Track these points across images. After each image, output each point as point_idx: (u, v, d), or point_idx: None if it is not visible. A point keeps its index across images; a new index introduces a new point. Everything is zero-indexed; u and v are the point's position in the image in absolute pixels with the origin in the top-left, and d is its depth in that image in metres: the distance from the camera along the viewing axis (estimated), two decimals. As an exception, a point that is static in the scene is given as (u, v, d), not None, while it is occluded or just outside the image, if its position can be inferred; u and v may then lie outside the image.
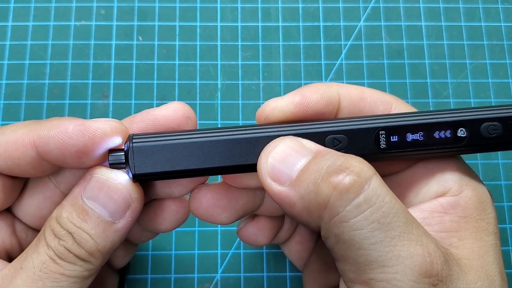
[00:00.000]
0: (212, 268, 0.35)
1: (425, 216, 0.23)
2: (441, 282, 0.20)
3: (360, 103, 0.25)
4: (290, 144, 0.22)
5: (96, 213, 0.22)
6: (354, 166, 0.20)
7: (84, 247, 0.21)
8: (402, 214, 0.20)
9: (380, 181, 0.20)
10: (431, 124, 0.23)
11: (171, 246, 0.35)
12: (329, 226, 0.20)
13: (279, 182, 0.21)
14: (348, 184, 0.19)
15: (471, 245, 0.22)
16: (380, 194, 0.20)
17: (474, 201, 0.23)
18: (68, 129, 0.21)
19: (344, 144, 0.23)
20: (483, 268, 0.21)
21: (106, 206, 0.22)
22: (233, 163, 0.22)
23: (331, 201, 0.19)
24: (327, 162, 0.20)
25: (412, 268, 0.19)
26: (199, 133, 0.23)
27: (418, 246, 0.20)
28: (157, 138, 0.22)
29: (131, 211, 0.22)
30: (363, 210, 0.19)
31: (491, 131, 0.23)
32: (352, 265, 0.20)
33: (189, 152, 0.22)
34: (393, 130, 0.23)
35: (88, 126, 0.22)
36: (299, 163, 0.21)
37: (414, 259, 0.19)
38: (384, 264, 0.19)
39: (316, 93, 0.24)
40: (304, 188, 0.20)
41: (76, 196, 0.22)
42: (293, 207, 0.21)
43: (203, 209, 0.25)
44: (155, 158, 0.22)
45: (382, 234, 0.19)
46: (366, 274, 0.20)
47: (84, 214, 0.21)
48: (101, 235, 0.22)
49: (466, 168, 0.24)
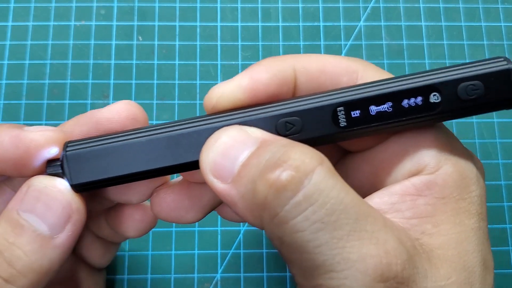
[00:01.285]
0: (212, 268, 0.35)
1: (395, 201, 0.20)
2: (402, 284, 0.17)
3: (320, 77, 0.21)
4: (233, 134, 0.19)
5: (32, 226, 0.19)
6: (293, 159, 0.17)
7: (15, 266, 0.19)
8: (352, 209, 0.17)
9: (325, 173, 0.17)
10: (397, 92, 0.19)
11: (171, 246, 0.35)
12: (271, 228, 0.18)
13: (222, 179, 0.19)
14: (285, 180, 0.17)
15: (447, 231, 0.19)
16: (324, 188, 0.17)
17: (454, 178, 0.20)
18: (3, 142, 0.20)
19: (298, 127, 0.20)
20: (460, 259, 0.19)
21: (43, 218, 0.20)
22: (177, 161, 0.20)
23: (268, 201, 0.17)
24: (267, 155, 0.18)
25: (363, 272, 0.17)
26: (137, 133, 0.21)
27: (371, 246, 0.17)
28: (94, 143, 0.21)
29: (72, 223, 0.20)
30: (303, 209, 0.17)
31: (470, 92, 0.19)
32: (299, 269, 0.18)
33: (128, 155, 0.20)
34: (353, 105, 0.20)
35: (22, 138, 0.20)
36: (242, 156, 0.19)
37: (366, 261, 0.17)
38: (332, 269, 0.17)
39: (267, 72, 0.21)
40: (244, 186, 0.18)
41: (10, 210, 0.20)
42: (235, 207, 0.19)
43: (165, 214, 0.23)
44: (93, 165, 0.20)
45: (327, 235, 0.17)
46: (314, 280, 0.17)
47: (19, 229, 0.19)
48: (37, 251, 0.19)
49: (448, 138, 0.21)
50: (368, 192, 0.21)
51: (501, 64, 0.19)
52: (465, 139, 0.38)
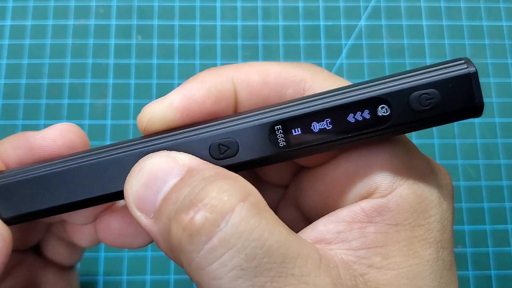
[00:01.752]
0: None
1: (341, 229, 0.17)
2: None
3: (262, 90, 0.19)
4: (158, 162, 0.17)
5: None
6: (209, 197, 0.15)
7: None
8: (277, 251, 0.15)
9: (246, 212, 0.15)
10: (341, 106, 0.17)
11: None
12: (189, 272, 0.16)
13: (145, 212, 0.17)
14: (198, 224, 0.15)
15: (399, 265, 0.17)
16: (244, 231, 0.15)
17: (410, 202, 0.17)
18: None
19: (234, 150, 0.18)
20: None
21: None
22: (105, 191, 0.19)
23: (182, 245, 0.15)
24: (186, 190, 0.16)
25: None
26: (68, 161, 0.19)
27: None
28: (21, 173, 0.19)
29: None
30: (220, 255, 0.15)
31: (424, 102, 0.17)
32: None
33: (56, 186, 0.19)
34: (291, 122, 0.18)
35: None
36: (165, 186, 0.17)
37: None
38: None
39: (201, 89, 0.19)
40: (163, 224, 0.16)
41: None
42: (158, 244, 0.17)
43: (110, 241, 0.22)
44: (20, 197, 0.19)
45: (247, 283, 0.15)
46: None
47: None
48: None
49: (406, 154, 0.18)
50: (320, 213, 0.19)
51: (460, 68, 0.17)
52: (466, 139, 0.38)
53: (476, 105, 0.17)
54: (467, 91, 0.17)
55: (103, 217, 0.22)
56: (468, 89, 0.17)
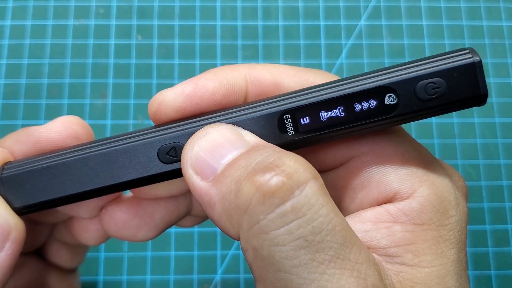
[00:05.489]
0: (212, 269, 0.35)
1: (368, 229, 0.18)
2: None
3: (273, 91, 0.20)
4: (225, 132, 0.18)
5: None
6: (287, 165, 0.16)
7: None
8: (339, 233, 0.15)
9: (318, 188, 0.16)
10: (349, 95, 0.18)
11: (170, 247, 0.35)
12: (248, 236, 0.16)
13: (202, 175, 0.17)
14: (274, 186, 0.15)
15: (430, 263, 0.17)
16: (315, 204, 0.15)
17: (432, 202, 0.18)
18: None
19: None
20: None
21: None
22: (115, 181, 0.19)
23: (251, 205, 0.16)
24: (259, 157, 0.16)
25: None
26: (75, 151, 0.19)
27: (351, 279, 0.15)
28: (31, 164, 0.19)
29: (11, 241, 0.19)
30: (289, 221, 0.15)
31: (431, 91, 0.17)
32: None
33: (65, 176, 0.19)
34: (300, 111, 0.18)
35: None
36: (229, 155, 0.17)
37: None
38: None
39: (214, 80, 0.19)
40: (226, 186, 0.17)
41: None
42: (212, 208, 0.17)
43: (114, 232, 0.22)
44: (30, 187, 0.19)
45: (308, 256, 0.15)
46: None
47: None
48: None
49: (419, 157, 0.19)
50: None
51: (466, 58, 0.17)
52: (466, 139, 0.38)
53: (481, 93, 0.17)
54: (472, 80, 0.17)
55: (108, 207, 0.22)
56: (473, 78, 0.17)
